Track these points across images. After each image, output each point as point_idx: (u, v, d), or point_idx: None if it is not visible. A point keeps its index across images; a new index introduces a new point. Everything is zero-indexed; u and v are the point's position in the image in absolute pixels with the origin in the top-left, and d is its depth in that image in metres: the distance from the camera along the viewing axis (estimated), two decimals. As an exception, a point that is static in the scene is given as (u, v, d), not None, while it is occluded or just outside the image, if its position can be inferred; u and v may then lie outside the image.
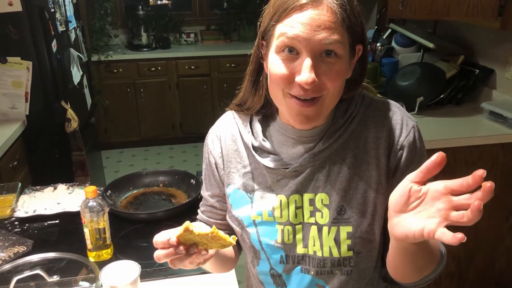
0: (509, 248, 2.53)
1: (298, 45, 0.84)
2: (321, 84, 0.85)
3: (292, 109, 0.90)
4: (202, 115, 4.83)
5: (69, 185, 1.79)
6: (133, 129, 4.74)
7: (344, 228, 0.94)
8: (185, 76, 4.67)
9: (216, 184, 1.09)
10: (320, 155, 0.95)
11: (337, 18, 0.82)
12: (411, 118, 0.97)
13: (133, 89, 4.60)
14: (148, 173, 1.83)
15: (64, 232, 1.55)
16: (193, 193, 1.70)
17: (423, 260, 0.86)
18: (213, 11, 5.16)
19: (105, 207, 1.35)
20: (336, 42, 0.83)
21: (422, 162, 0.93)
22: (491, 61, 2.68)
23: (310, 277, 1.00)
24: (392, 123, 0.95)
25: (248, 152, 1.02)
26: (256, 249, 1.03)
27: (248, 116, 1.05)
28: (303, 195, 0.97)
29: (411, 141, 0.94)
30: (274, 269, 1.03)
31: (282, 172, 0.98)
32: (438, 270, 0.91)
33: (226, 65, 4.69)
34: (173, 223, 1.56)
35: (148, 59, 4.56)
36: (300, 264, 1.00)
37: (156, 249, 0.87)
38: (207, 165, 1.10)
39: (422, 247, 0.81)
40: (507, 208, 2.44)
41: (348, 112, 0.96)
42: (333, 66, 0.85)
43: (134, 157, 4.66)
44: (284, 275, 1.03)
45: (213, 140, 1.09)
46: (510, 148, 2.33)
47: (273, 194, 0.99)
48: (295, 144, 0.98)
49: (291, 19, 0.83)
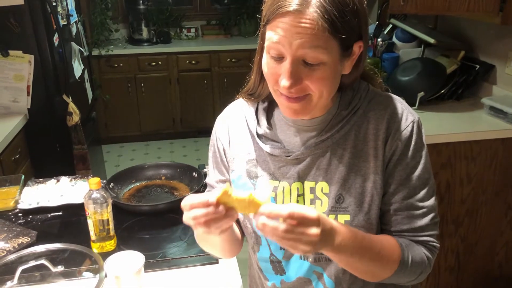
0: (508, 242, 2.55)
1: (281, 49, 0.86)
2: (304, 86, 0.88)
3: (281, 103, 0.94)
4: (203, 110, 4.83)
5: (72, 178, 1.80)
6: (134, 123, 4.75)
7: (342, 217, 0.96)
8: (186, 71, 4.68)
9: (225, 170, 1.10)
10: (321, 145, 0.97)
11: (319, 27, 0.82)
12: (412, 113, 0.98)
13: (133, 84, 4.60)
14: (150, 166, 1.84)
15: (67, 224, 1.56)
16: (195, 185, 1.71)
17: (363, 266, 0.91)
18: (213, 6, 5.16)
19: (108, 198, 1.36)
20: (316, 52, 0.84)
21: (417, 157, 0.95)
22: (492, 57, 2.68)
23: (308, 264, 1.02)
24: (392, 116, 0.96)
25: (253, 139, 1.04)
26: (257, 235, 1.05)
27: (255, 105, 1.06)
28: (304, 183, 0.99)
29: (407, 135, 0.95)
30: (274, 255, 1.05)
31: (284, 159, 1.00)
32: (404, 276, 0.94)
33: (226, 60, 4.69)
34: (175, 215, 1.58)
35: (148, 53, 4.56)
36: None
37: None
38: (215, 151, 1.12)
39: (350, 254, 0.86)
40: (506, 202, 2.45)
41: (352, 104, 0.97)
42: (315, 72, 0.86)
43: (135, 152, 4.67)
44: (283, 261, 1.05)
45: (221, 126, 1.11)
46: (510, 143, 2.34)
47: (276, 181, 1.01)
48: (297, 132, 1.00)
49: (276, 24, 0.85)
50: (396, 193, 0.96)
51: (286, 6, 0.83)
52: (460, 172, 2.31)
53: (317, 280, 1.02)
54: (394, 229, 0.97)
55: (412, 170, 0.95)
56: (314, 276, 1.02)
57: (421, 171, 0.96)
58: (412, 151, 0.95)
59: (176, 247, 1.42)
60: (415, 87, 2.54)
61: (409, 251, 0.94)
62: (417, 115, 0.99)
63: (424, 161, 0.96)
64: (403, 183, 0.95)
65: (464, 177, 2.33)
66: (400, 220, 0.96)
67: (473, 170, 2.32)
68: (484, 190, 2.37)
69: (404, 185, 0.95)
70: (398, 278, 0.95)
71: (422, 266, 0.95)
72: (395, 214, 0.96)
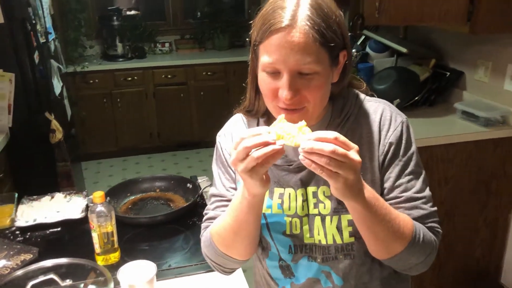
0: (484, 240, 2.67)
1: (277, 66, 0.92)
2: (302, 97, 0.94)
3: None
4: (180, 123, 4.86)
5: (66, 194, 1.81)
6: (111, 139, 4.73)
7: (345, 217, 1.03)
8: (162, 85, 4.70)
9: (232, 179, 1.15)
10: None
11: (310, 38, 0.90)
12: (400, 115, 1.06)
13: (109, 99, 4.60)
14: (144, 179, 1.87)
15: (67, 239, 1.58)
16: (190, 196, 1.76)
17: (382, 230, 0.95)
18: (186, 20, 5.21)
19: (112, 211, 1.39)
20: (310, 63, 0.91)
21: (407, 154, 1.03)
22: (461, 64, 2.83)
23: (317, 265, 1.08)
24: (382, 119, 1.04)
25: None
26: (266, 241, 1.10)
27: (255, 119, 1.12)
28: (307, 189, 1.05)
29: (398, 135, 1.03)
30: (283, 259, 1.10)
31: (287, 168, 1.06)
32: (414, 253, 0.98)
33: (202, 73, 4.75)
34: (175, 225, 1.62)
35: (124, 69, 4.57)
36: (307, 253, 1.08)
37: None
38: (222, 163, 1.16)
39: (374, 212, 0.91)
40: (480, 202, 2.58)
41: (344, 111, 1.05)
42: (311, 82, 0.93)
43: (113, 168, 4.65)
44: (292, 265, 1.10)
45: (224, 139, 1.16)
46: (482, 145, 2.47)
47: (281, 188, 1.07)
48: None
49: (270, 42, 0.92)
50: (394, 189, 1.03)
51: (278, 23, 0.90)
52: (438, 175, 2.42)
53: (326, 279, 1.08)
54: None
55: (406, 166, 1.03)
56: (322, 275, 1.08)
57: (414, 166, 1.04)
58: (404, 149, 1.03)
59: (179, 256, 1.45)
60: (391, 95, 2.66)
61: (420, 229, 1.00)
62: (405, 115, 1.07)
63: (415, 156, 1.05)
64: (399, 179, 1.03)
65: (442, 179, 2.44)
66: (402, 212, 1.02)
67: (450, 172, 2.44)
68: (460, 190, 2.50)
69: (400, 180, 1.03)
70: (408, 256, 0.98)
71: (431, 246, 1.01)
72: (396, 208, 1.03)
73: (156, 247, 1.51)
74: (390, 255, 0.99)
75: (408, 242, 0.97)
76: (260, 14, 0.96)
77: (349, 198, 0.88)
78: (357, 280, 1.07)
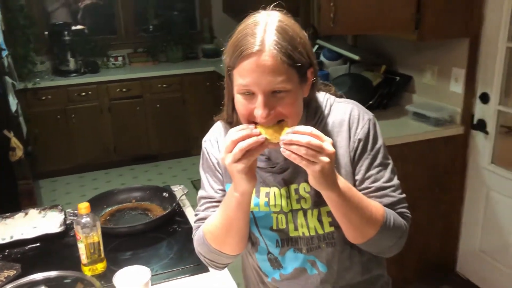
0: (440, 233, 2.86)
1: (251, 88, 1.00)
2: (277, 113, 1.02)
3: None
4: (137, 136, 4.83)
5: (41, 209, 1.80)
6: (66, 156, 4.62)
7: (324, 209, 1.12)
8: (117, 99, 4.66)
9: (219, 181, 1.21)
10: None
11: (279, 61, 0.98)
12: (367, 113, 1.17)
13: (63, 116, 4.51)
14: (119, 190, 1.89)
15: (48, 253, 1.57)
16: (168, 205, 1.79)
17: (356, 217, 1.05)
18: (139, 34, 5.21)
19: (97, 221, 1.41)
20: (281, 82, 0.99)
21: (375, 149, 1.13)
22: (409, 69, 3.03)
23: (302, 255, 1.16)
24: (351, 118, 1.14)
25: None
26: (255, 236, 1.18)
27: None
28: (289, 187, 1.14)
29: (366, 132, 1.13)
30: (271, 253, 1.18)
31: (271, 170, 1.14)
32: (387, 237, 1.09)
33: (157, 85, 4.75)
34: (157, 233, 1.65)
35: (77, 84, 4.50)
36: (293, 245, 1.17)
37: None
38: (209, 167, 1.22)
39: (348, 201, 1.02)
40: (435, 197, 2.76)
41: (317, 115, 1.15)
42: (284, 99, 1.02)
43: (69, 185, 4.55)
44: (280, 257, 1.18)
45: (211, 143, 1.22)
46: (434, 143, 2.66)
47: (267, 187, 1.15)
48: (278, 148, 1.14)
49: (242, 67, 1.00)
50: (364, 180, 1.13)
51: (249, 49, 0.98)
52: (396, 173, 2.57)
53: (311, 267, 1.17)
54: None
55: (374, 159, 1.13)
56: (308, 264, 1.17)
57: (382, 158, 1.14)
58: (371, 143, 1.13)
59: (164, 262, 1.49)
60: (348, 99, 2.79)
61: (391, 214, 1.10)
62: (372, 114, 1.18)
63: (382, 149, 1.15)
64: (368, 171, 1.13)
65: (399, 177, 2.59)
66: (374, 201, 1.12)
67: (406, 170, 2.60)
68: (417, 187, 2.66)
69: (370, 172, 1.12)
70: (380, 239, 1.09)
71: (401, 229, 1.12)
72: (368, 198, 1.12)
73: (140, 255, 1.54)
74: (364, 239, 1.09)
75: (380, 226, 1.07)
76: (231, 42, 1.04)
77: (325, 187, 0.98)
78: (340, 265, 1.16)
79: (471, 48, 2.56)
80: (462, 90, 2.66)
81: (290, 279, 1.19)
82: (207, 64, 5.06)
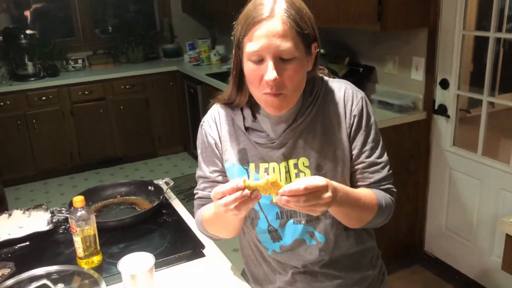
0: (408, 215, 3.00)
1: (262, 53, 1.07)
2: (282, 83, 1.09)
3: (266, 101, 1.13)
4: (101, 139, 4.77)
5: (24, 210, 1.79)
6: (28, 163, 4.51)
7: None
8: (79, 102, 4.59)
9: (218, 161, 1.27)
10: (297, 129, 1.19)
11: (288, 26, 1.06)
12: (359, 91, 1.25)
13: (24, 121, 4.39)
14: (104, 187, 1.90)
15: (39, 251, 1.56)
16: (155, 198, 1.82)
17: (354, 212, 1.16)
18: (98, 36, 5.14)
19: (92, 214, 1.43)
20: (290, 48, 1.06)
21: (369, 124, 1.22)
22: (372, 60, 3.16)
23: (301, 226, 1.24)
24: (345, 96, 1.22)
25: (240, 132, 1.22)
26: (255, 211, 1.24)
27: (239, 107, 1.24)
28: (288, 161, 1.21)
29: (360, 109, 1.21)
30: (271, 225, 1.25)
31: (270, 146, 1.20)
32: (380, 217, 1.21)
33: (120, 87, 4.71)
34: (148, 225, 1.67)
35: (37, 88, 4.40)
36: (292, 217, 1.24)
37: None
38: (206, 147, 1.28)
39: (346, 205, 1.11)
40: (403, 181, 2.90)
41: (313, 92, 1.22)
42: (290, 66, 1.09)
43: (34, 192, 4.44)
44: (279, 229, 1.25)
45: (209, 124, 1.28)
46: (399, 128, 2.79)
47: (266, 163, 1.21)
48: (277, 123, 1.21)
49: (253, 33, 1.07)
50: (360, 155, 1.21)
51: (260, 15, 1.06)
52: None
53: (310, 238, 1.24)
54: (362, 184, 1.22)
55: (368, 136, 1.22)
56: (307, 235, 1.24)
57: (374, 135, 1.23)
58: (365, 120, 1.21)
59: (160, 250, 1.52)
60: (316, 91, 2.89)
61: (381, 197, 1.20)
62: (363, 92, 1.26)
63: (374, 126, 1.24)
64: (363, 146, 1.21)
65: (369, 163, 2.71)
66: (367, 176, 1.21)
67: (375, 155, 2.72)
68: (385, 171, 2.78)
69: (364, 147, 1.21)
70: (375, 220, 1.20)
71: (390, 207, 1.23)
72: (362, 172, 1.21)
73: (134, 246, 1.56)
74: (362, 224, 1.21)
75: (375, 212, 1.18)
76: (242, 13, 1.11)
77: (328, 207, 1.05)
78: (336, 236, 1.25)
79: (430, 37, 2.71)
80: (422, 78, 2.81)
81: (290, 251, 1.26)
82: (169, 63, 5.06)
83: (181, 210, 1.80)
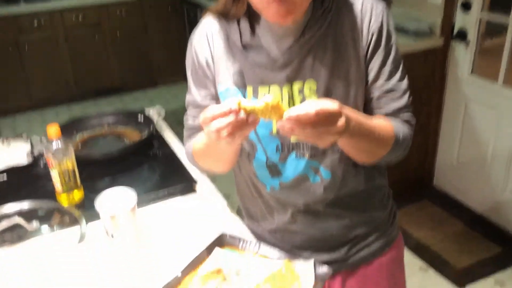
0: (418, 147, 2.85)
1: None
2: None
3: (269, 7, 0.92)
4: (97, 67, 4.58)
5: (3, 139, 1.64)
6: (22, 92, 4.36)
7: None
8: (74, 28, 4.35)
9: (210, 83, 1.09)
10: (305, 45, 1.00)
11: None
12: (380, 2, 1.04)
13: (16, 48, 4.18)
14: (90, 117, 1.74)
15: (17, 186, 1.44)
16: (144, 128, 1.66)
17: (367, 145, 0.98)
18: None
19: (69, 146, 1.28)
20: None
21: (389, 43, 1.02)
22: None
23: (305, 160, 1.07)
24: (363, 9, 1.02)
25: (236, 50, 1.03)
26: (252, 143, 1.07)
27: (234, 19, 1.05)
28: (293, 85, 1.02)
29: (380, 25, 1.02)
30: (270, 159, 1.09)
31: (272, 65, 1.01)
32: (395, 152, 1.03)
33: (116, 12, 4.44)
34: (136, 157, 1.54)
35: (28, 13, 4.15)
36: (294, 150, 1.07)
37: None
38: (196, 68, 1.09)
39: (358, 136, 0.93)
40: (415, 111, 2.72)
41: (324, 4, 1.01)
42: None
43: (31, 123, 4.31)
44: (280, 164, 1.08)
45: (199, 40, 1.08)
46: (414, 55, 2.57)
47: (266, 87, 1.03)
48: (281, 38, 1.02)
49: None
50: (377, 79, 1.02)
51: None
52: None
53: (314, 174, 1.08)
54: (378, 111, 1.05)
55: (387, 56, 1.02)
56: (311, 171, 1.08)
57: (394, 55, 1.03)
58: (385, 38, 1.02)
59: (148, 184, 1.39)
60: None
61: (399, 129, 1.03)
62: (384, 3, 1.06)
63: (395, 46, 1.04)
64: (381, 67, 1.02)
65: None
66: (384, 103, 1.03)
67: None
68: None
69: (383, 70, 1.02)
70: (390, 155, 1.02)
71: (407, 140, 1.05)
72: (378, 99, 1.03)
73: (120, 179, 1.43)
74: (374, 160, 1.03)
75: (390, 147, 1.01)
76: None
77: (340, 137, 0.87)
78: (344, 173, 1.09)
79: (453, -48, 2.42)
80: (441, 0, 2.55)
81: (290, 188, 1.10)
82: (168, -14, 4.74)
83: (174, 142, 1.65)
